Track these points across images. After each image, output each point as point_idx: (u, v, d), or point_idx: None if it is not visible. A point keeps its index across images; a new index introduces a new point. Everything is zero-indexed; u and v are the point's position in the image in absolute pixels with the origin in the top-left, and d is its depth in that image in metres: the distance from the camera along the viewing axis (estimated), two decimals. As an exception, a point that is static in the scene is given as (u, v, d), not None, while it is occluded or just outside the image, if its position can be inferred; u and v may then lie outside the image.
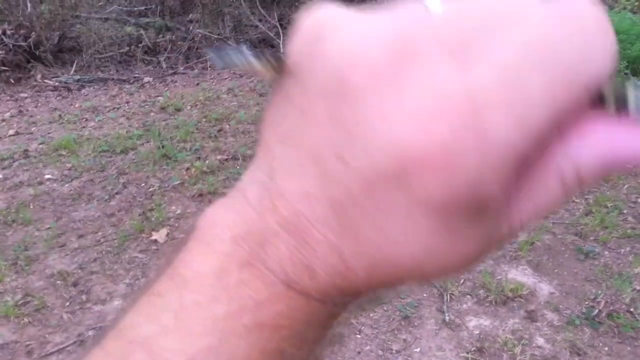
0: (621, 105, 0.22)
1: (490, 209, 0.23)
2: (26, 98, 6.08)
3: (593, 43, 0.22)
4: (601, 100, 0.22)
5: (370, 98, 0.22)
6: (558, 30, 0.21)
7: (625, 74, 4.60)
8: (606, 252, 2.79)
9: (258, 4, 8.18)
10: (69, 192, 3.84)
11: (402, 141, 0.21)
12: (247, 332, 0.25)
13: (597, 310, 2.42)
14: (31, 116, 5.62)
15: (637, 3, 6.73)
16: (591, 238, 2.90)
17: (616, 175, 3.42)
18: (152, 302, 0.27)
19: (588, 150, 0.23)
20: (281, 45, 7.61)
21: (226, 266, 0.26)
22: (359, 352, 2.36)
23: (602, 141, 0.22)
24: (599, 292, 2.52)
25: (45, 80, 6.40)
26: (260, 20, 8.05)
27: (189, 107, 5.46)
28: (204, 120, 5.08)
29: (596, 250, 2.80)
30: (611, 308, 2.43)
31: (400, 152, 0.21)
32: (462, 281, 2.67)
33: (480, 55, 0.21)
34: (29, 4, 6.54)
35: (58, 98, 6.08)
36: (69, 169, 4.19)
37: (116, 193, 3.78)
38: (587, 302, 2.47)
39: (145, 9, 8.10)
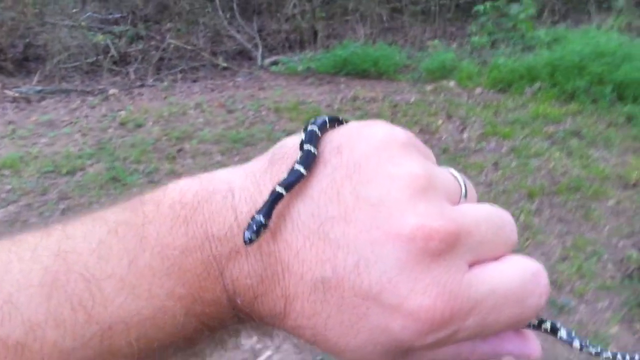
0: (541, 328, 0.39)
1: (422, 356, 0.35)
2: (-19, 110, 5.74)
3: (538, 303, 0.34)
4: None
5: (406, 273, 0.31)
6: (525, 288, 0.33)
7: (610, 99, 4.32)
8: (582, 306, 2.48)
9: (237, 14, 7.89)
10: (2, 218, 3.50)
11: (414, 302, 0.30)
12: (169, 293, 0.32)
13: (568, 380, 2.11)
14: (-18, 130, 5.28)
15: (626, 21, 6.50)
16: (567, 289, 2.59)
17: (597, 215, 3.13)
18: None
19: (487, 346, 0.35)
20: (259, 58, 7.31)
21: (189, 249, 0.32)
22: None
23: (498, 344, 0.36)
24: (571, 357, 2.21)
25: (5, 91, 6.07)
26: (238, 32, 7.75)
27: (150, 123, 5.13)
28: (164, 138, 4.76)
29: (572, 303, 2.49)
30: (585, 377, 2.12)
31: (408, 307, 0.30)
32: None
33: (482, 277, 0.32)
34: (-10, 10, 6.21)
35: (15, 110, 5.73)
36: (7, 192, 3.85)
37: (53, 221, 3.45)
38: (558, 369, 2.16)
39: (121, 16, 7.79)
